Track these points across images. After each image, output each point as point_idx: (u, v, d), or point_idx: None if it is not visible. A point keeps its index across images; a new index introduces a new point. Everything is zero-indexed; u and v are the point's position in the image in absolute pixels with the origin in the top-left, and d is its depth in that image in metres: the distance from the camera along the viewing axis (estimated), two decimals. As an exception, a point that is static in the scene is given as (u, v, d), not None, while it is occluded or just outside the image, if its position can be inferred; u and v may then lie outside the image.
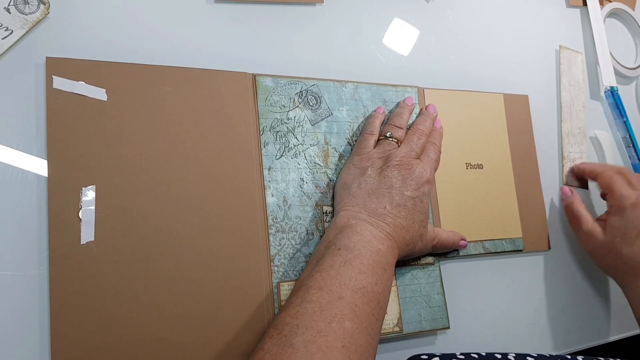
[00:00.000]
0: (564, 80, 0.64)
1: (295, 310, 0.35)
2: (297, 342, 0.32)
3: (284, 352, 0.32)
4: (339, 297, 0.35)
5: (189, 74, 0.42)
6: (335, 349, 0.32)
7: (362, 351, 0.34)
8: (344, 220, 0.41)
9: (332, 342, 0.32)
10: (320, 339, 0.32)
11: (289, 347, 0.32)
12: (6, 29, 0.37)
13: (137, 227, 0.37)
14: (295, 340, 0.32)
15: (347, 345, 0.33)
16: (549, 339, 0.55)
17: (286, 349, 0.32)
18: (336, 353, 0.32)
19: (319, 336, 0.32)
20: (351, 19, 0.52)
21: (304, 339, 0.32)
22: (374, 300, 0.37)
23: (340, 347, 0.33)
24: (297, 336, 0.32)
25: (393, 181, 0.42)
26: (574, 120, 0.64)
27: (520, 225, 0.55)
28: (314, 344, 0.32)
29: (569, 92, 0.64)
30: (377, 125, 0.47)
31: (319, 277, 0.36)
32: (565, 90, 0.64)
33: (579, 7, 0.71)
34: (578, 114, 0.65)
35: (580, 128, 0.64)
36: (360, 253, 0.38)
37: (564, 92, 0.64)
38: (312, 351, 0.31)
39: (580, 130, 0.64)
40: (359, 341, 0.34)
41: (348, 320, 0.34)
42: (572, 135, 0.63)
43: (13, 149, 0.36)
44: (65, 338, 0.34)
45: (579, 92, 0.66)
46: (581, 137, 0.64)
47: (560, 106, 0.63)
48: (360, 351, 0.34)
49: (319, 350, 0.32)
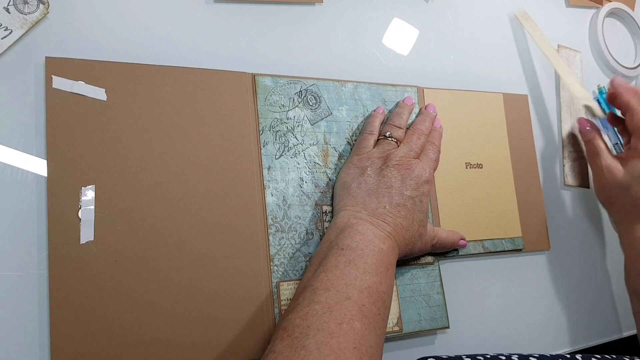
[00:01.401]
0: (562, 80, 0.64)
1: (304, 311, 0.34)
2: (310, 344, 0.32)
3: (297, 355, 0.31)
4: (346, 298, 0.35)
5: (189, 74, 0.42)
6: (348, 350, 0.32)
7: (372, 352, 0.34)
8: (345, 219, 0.41)
9: (344, 344, 0.32)
10: (332, 341, 0.32)
11: (302, 349, 0.32)
12: (5, 28, 0.37)
13: (136, 227, 0.37)
14: (308, 342, 0.32)
15: (358, 347, 0.33)
16: (549, 338, 0.55)
17: (299, 351, 0.32)
18: (348, 355, 0.32)
19: (330, 337, 0.32)
20: (351, 18, 0.52)
21: (316, 340, 0.32)
22: (380, 300, 0.37)
23: (352, 348, 0.33)
24: (309, 338, 0.32)
25: (392, 181, 0.42)
26: (575, 117, 0.64)
27: (520, 224, 0.55)
28: (327, 346, 0.32)
29: (568, 92, 0.64)
30: (376, 125, 0.47)
31: (325, 278, 0.36)
32: (564, 90, 0.64)
33: (579, 7, 0.71)
34: (579, 112, 0.65)
35: None
36: (363, 252, 0.38)
37: (564, 92, 0.64)
38: (325, 353, 0.31)
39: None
40: (369, 342, 0.34)
41: (357, 321, 0.34)
42: (574, 131, 0.63)
43: (12, 149, 0.36)
44: (65, 338, 0.34)
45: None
46: None
47: (560, 106, 0.63)
48: (370, 352, 0.34)
49: (332, 352, 0.32)
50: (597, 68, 0.70)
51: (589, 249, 0.62)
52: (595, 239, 0.63)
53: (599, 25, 0.69)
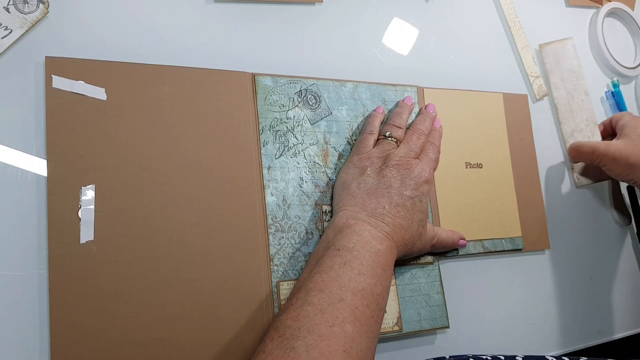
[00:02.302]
0: (553, 79, 0.61)
1: (296, 312, 0.34)
2: (299, 345, 0.32)
3: (286, 356, 0.31)
4: (339, 300, 0.35)
5: (189, 74, 0.42)
6: (337, 353, 0.32)
7: (363, 356, 0.34)
8: (343, 220, 0.41)
9: (334, 347, 0.32)
10: (322, 343, 0.32)
11: (291, 350, 0.32)
12: (5, 28, 0.37)
13: (136, 226, 0.37)
14: (297, 343, 0.32)
15: (348, 350, 0.33)
16: (548, 337, 0.55)
17: (288, 353, 0.32)
18: (338, 358, 0.32)
19: (320, 340, 0.32)
20: (350, 18, 0.52)
21: (305, 342, 0.32)
22: (374, 302, 0.37)
23: (341, 351, 0.33)
24: (299, 340, 0.32)
25: (392, 181, 0.42)
26: (577, 114, 0.61)
27: (520, 224, 0.55)
28: (316, 349, 0.32)
29: (563, 89, 0.61)
30: (376, 125, 0.47)
31: (319, 279, 0.36)
32: (558, 89, 0.61)
33: (579, 6, 0.71)
34: (582, 104, 0.61)
35: (588, 119, 0.60)
36: (359, 254, 0.38)
37: (557, 92, 0.61)
38: (314, 356, 0.31)
39: (589, 121, 0.60)
40: (359, 345, 0.34)
41: (349, 323, 0.34)
42: (578, 131, 0.60)
43: (12, 149, 0.36)
44: (65, 338, 0.34)
45: (577, 80, 0.61)
46: (592, 128, 0.61)
47: (556, 108, 0.62)
48: (361, 356, 0.34)
49: (321, 354, 0.32)
50: (597, 68, 0.70)
51: (588, 249, 0.62)
52: (595, 239, 0.63)
53: (599, 25, 0.69)
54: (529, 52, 0.61)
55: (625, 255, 0.64)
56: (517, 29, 0.62)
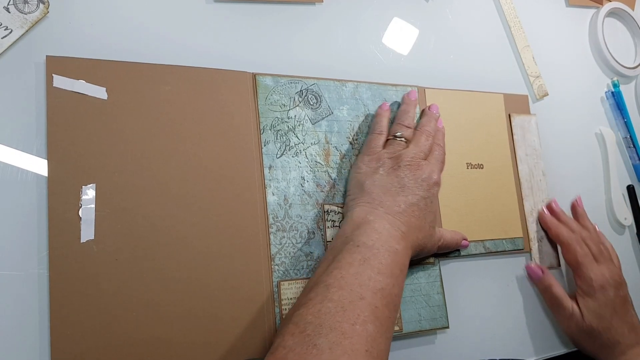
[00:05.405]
0: (520, 152, 0.57)
1: (316, 308, 0.34)
2: (322, 343, 0.32)
3: (309, 353, 0.31)
4: (360, 298, 0.35)
5: (189, 73, 0.42)
6: (360, 352, 0.32)
7: (383, 356, 0.34)
8: (362, 215, 0.41)
9: (357, 346, 0.32)
10: (345, 341, 0.32)
11: (313, 347, 0.31)
12: (6, 28, 0.37)
13: (137, 226, 0.37)
14: (320, 340, 0.32)
15: (370, 350, 0.33)
16: (549, 338, 0.55)
17: (310, 349, 0.31)
18: (361, 357, 0.32)
19: (343, 338, 0.32)
20: (351, 18, 0.52)
21: (328, 340, 0.32)
22: (392, 303, 0.36)
23: (364, 351, 0.32)
24: (322, 337, 0.32)
25: (405, 181, 0.42)
26: (536, 194, 0.57)
27: (521, 224, 0.55)
28: (339, 347, 0.31)
29: (526, 164, 0.57)
30: (385, 124, 0.47)
31: (338, 275, 0.36)
32: (523, 163, 0.57)
33: (579, 6, 0.71)
34: (539, 185, 0.57)
35: (544, 200, 0.57)
36: (378, 252, 0.38)
37: (522, 165, 0.57)
38: (337, 354, 0.31)
39: (545, 202, 0.57)
40: (380, 345, 0.34)
41: (370, 323, 0.34)
42: (536, 212, 0.56)
43: (13, 148, 0.36)
44: (65, 337, 0.34)
45: (537, 159, 0.58)
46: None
47: (520, 181, 0.56)
48: (381, 356, 0.33)
49: (344, 353, 0.31)
50: (597, 68, 0.70)
51: (589, 248, 0.61)
52: (595, 239, 0.62)
53: (599, 25, 0.69)
54: (529, 52, 0.62)
55: (625, 255, 0.64)
56: (517, 29, 0.62)
